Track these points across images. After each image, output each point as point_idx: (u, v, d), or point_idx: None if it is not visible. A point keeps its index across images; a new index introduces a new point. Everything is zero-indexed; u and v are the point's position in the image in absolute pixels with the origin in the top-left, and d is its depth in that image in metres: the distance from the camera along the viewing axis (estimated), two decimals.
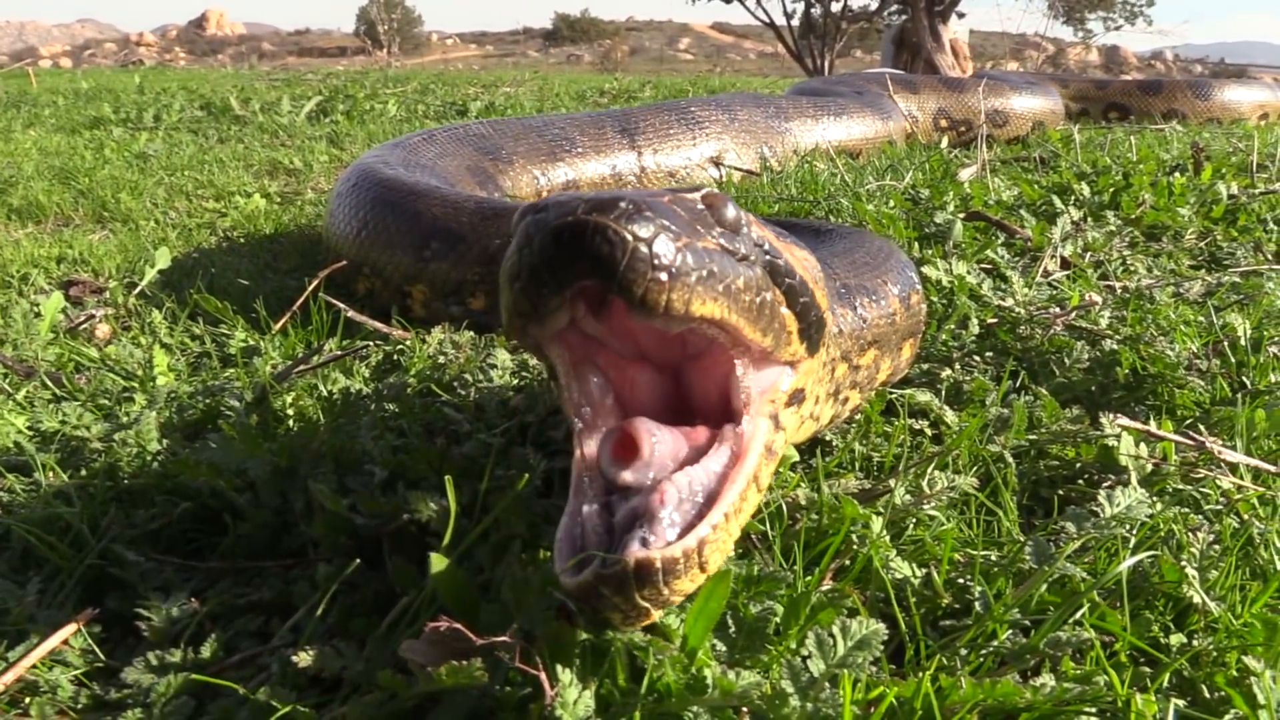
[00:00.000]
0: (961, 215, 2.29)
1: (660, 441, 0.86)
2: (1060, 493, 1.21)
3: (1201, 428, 1.33)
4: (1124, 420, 1.18)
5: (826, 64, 33.77)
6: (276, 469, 1.02)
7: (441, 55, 42.97)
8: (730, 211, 0.89)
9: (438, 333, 1.69)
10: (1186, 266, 2.30)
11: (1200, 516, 1.06)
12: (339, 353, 1.40)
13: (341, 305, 1.73)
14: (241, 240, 2.85)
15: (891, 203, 2.56)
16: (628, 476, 0.82)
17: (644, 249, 0.77)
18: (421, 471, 1.01)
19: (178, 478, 1.02)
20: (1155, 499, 1.07)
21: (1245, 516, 1.03)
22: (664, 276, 0.78)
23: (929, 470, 1.11)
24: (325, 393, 1.35)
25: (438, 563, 0.79)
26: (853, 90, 4.28)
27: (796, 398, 0.99)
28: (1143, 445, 1.21)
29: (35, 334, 1.70)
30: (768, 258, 0.91)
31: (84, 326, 1.90)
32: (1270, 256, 2.43)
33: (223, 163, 4.04)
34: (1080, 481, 1.23)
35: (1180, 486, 1.12)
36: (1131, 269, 2.20)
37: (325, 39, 47.24)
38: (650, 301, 0.78)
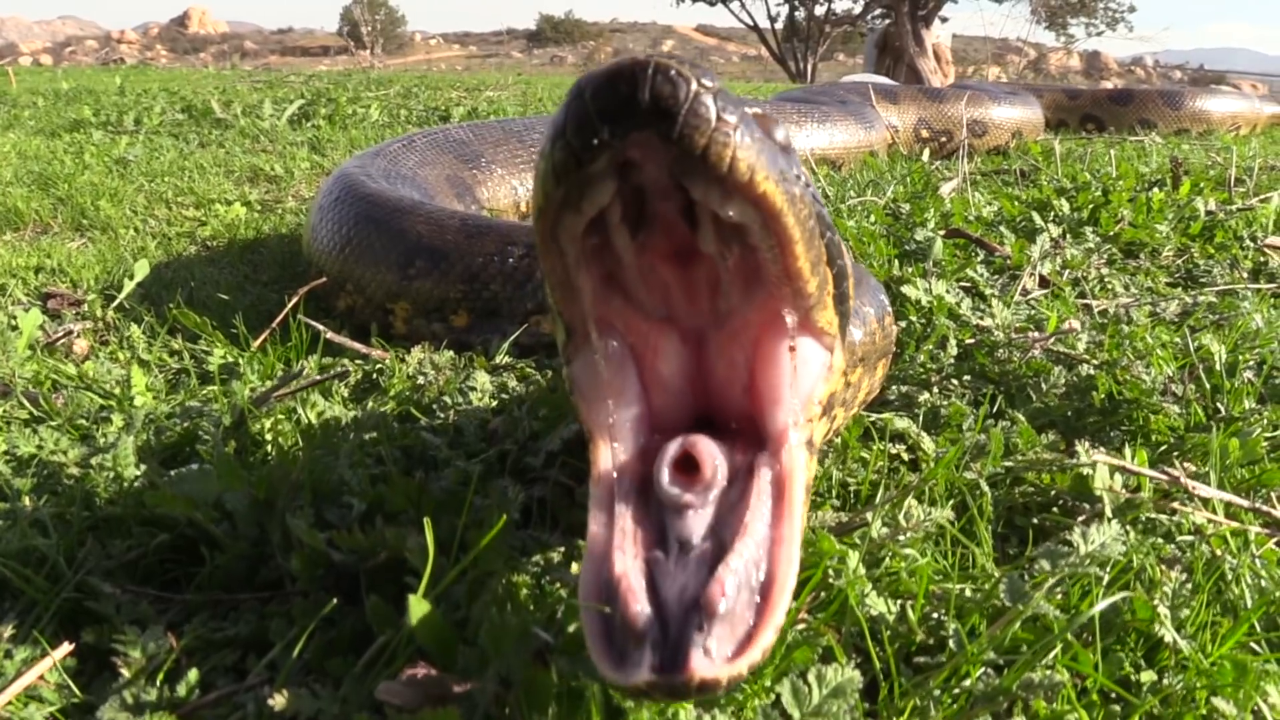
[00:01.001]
0: (941, 233, 2.31)
1: (720, 461, 0.82)
2: (1035, 521, 1.22)
3: (1176, 457, 1.34)
4: (1099, 456, 1.18)
5: (810, 67, 33.95)
6: (254, 501, 1.02)
7: (425, 55, 42.88)
8: (782, 133, 0.82)
9: (417, 352, 1.69)
10: (1164, 284, 2.32)
11: (1174, 547, 1.07)
12: (317, 378, 1.40)
13: (320, 327, 1.73)
14: (221, 250, 2.84)
15: (873, 217, 2.58)
16: (690, 499, 0.78)
17: (709, 99, 0.69)
18: (400, 504, 1.01)
19: (155, 509, 1.02)
20: (1129, 530, 1.08)
21: (1217, 551, 1.04)
22: (729, 131, 0.70)
23: (905, 502, 1.12)
24: (303, 417, 1.35)
25: (416, 607, 0.79)
26: (836, 99, 4.30)
27: (828, 409, 0.92)
28: (1117, 475, 1.22)
29: (12, 351, 1.69)
30: (813, 197, 0.84)
31: (61, 342, 1.89)
32: (1246, 274, 2.45)
33: (203, 168, 4.02)
34: (1055, 509, 1.24)
35: (1154, 517, 1.13)
36: (1109, 287, 2.22)
37: (308, 38, 47.06)
38: (714, 156, 0.70)
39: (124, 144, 4.75)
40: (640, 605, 0.70)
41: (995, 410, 1.49)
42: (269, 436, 1.28)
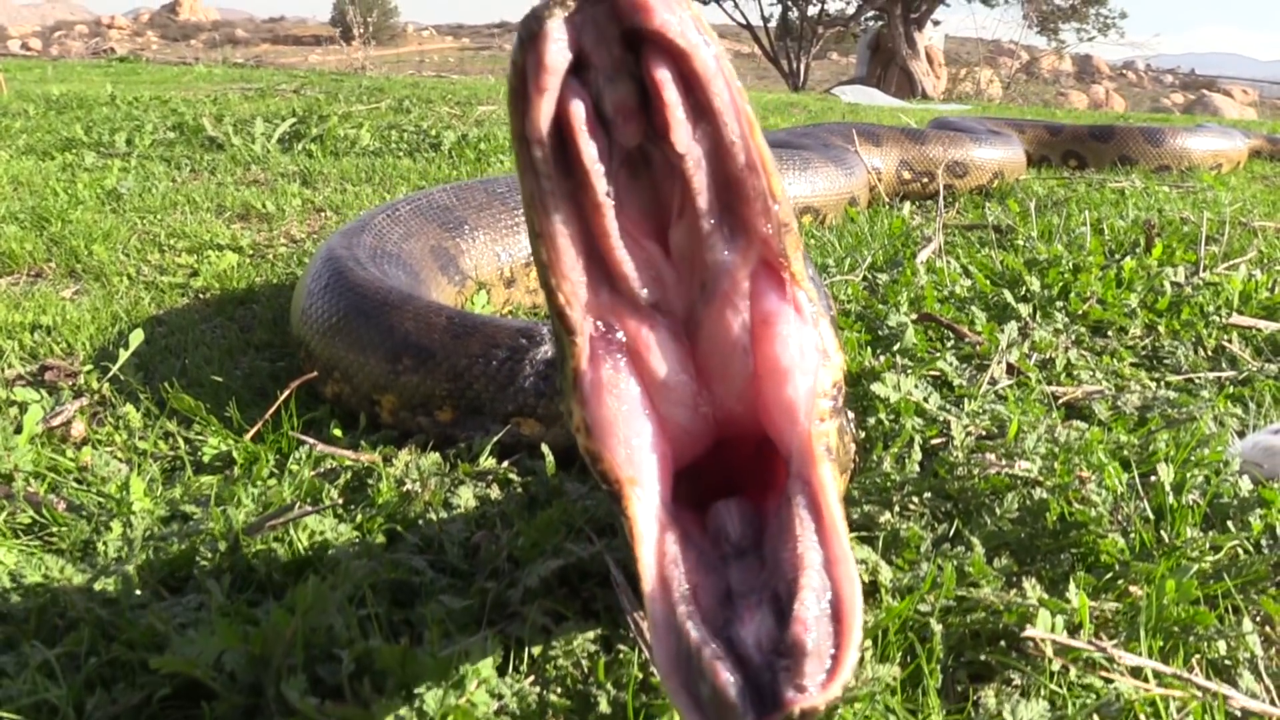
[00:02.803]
0: (913, 318, 2.39)
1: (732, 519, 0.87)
2: (982, 657, 1.30)
3: (1121, 583, 1.42)
4: (1033, 631, 1.26)
5: (802, 66, 33.90)
6: (251, 657, 1.09)
7: (417, 46, 42.77)
8: None
9: (404, 455, 1.76)
10: (1129, 364, 2.41)
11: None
12: (308, 509, 1.47)
13: (311, 441, 1.80)
14: (213, 302, 2.90)
15: (850, 290, 2.66)
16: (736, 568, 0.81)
17: None
18: (386, 664, 1.09)
19: (160, 670, 1.09)
20: (1063, 688, 1.16)
21: (1141, 718, 1.13)
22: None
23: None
24: (296, 541, 1.42)
25: None
26: (819, 142, 4.37)
27: (837, 404, 0.90)
28: (1059, 618, 1.30)
29: (14, 447, 1.76)
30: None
31: (59, 427, 1.96)
32: (1209, 352, 2.54)
33: (195, 203, 4.08)
34: (1002, 643, 1.33)
35: (1088, 681, 1.21)
36: (1075, 373, 2.30)
37: (300, 27, 46.87)
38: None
39: (116, 170, 4.80)
40: (728, 674, 0.73)
41: (952, 531, 1.57)
42: (262, 565, 1.36)
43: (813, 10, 31.32)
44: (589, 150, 0.82)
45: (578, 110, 0.81)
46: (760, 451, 0.94)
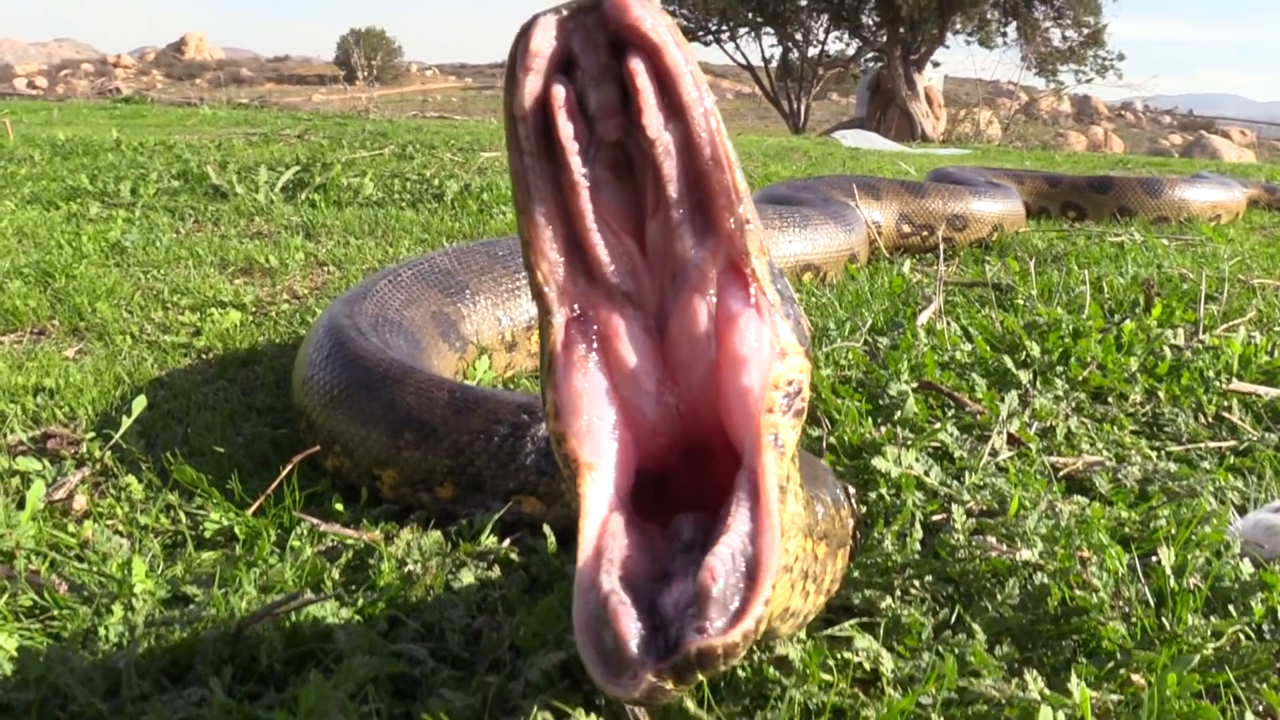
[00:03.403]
0: (914, 386, 2.39)
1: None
2: None
3: (1124, 671, 1.42)
4: (1043, 694, 1.26)
5: (803, 107, 34.04)
6: None
7: (420, 86, 43.14)
8: None
9: (406, 534, 1.76)
10: (1129, 432, 2.41)
11: None
12: (311, 597, 1.47)
13: (313, 520, 1.80)
14: (216, 363, 2.91)
15: (850, 356, 2.67)
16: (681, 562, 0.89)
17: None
18: None
19: None
20: None
21: None
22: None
23: None
24: (298, 628, 1.42)
25: None
26: (819, 196, 4.40)
27: (796, 399, 0.96)
28: (1061, 712, 1.30)
29: (16, 523, 1.76)
30: None
31: (61, 500, 1.96)
32: (1209, 419, 2.55)
33: (199, 257, 4.10)
34: None
35: None
36: (1075, 443, 2.30)
37: (304, 66, 47.29)
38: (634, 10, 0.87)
39: (121, 222, 4.83)
40: (632, 623, 0.80)
41: (954, 617, 1.57)
42: (264, 655, 1.36)
43: (813, 51, 31.65)
44: (566, 129, 0.89)
45: (558, 92, 0.89)
46: (732, 471, 0.99)
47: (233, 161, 6.89)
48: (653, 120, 0.89)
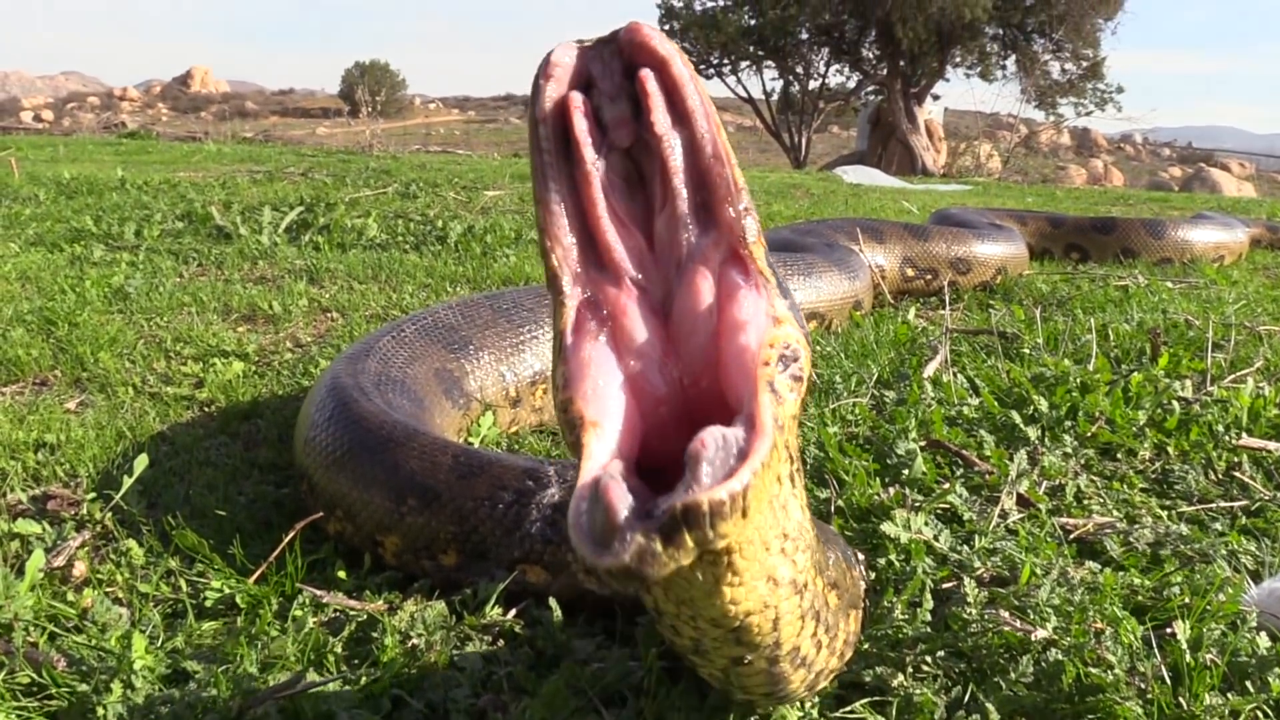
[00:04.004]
0: (922, 444, 2.37)
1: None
2: None
3: None
4: None
5: (804, 140, 34.14)
6: None
7: (424, 119, 43.38)
8: None
9: (410, 606, 1.73)
10: (1139, 491, 2.39)
11: None
12: (314, 680, 1.45)
13: (317, 592, 1.77)
14: (218, 416, 2.89)
15: (857, 411, 2.65)
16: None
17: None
18: None
19: None
20: None
21: None
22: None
23: None
24: (296, 702, 1.40)
25: None
26: (822, 241, 4.40)
27: (794, 365, 1.01)
28: None
29: (15, 594, 1.74)
30: None
31: (60, 568, 1.94)
32: (1219, 475, 2.52)
33: (202, 303, 4.10)
34: None
35: None
36: (1085, 504, 2.28)
37: (309, 99, 47.59)
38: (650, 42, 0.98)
39: (124, 265, 4.83)
40: (622, 495, 0.84)
41: (967, 696, 1.54)
42: None
43: (814, 85, 31.82)
44: (580, 124, 0.99)
45: (575, 97, 0.99)
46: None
47: (237, 201, 6.90)
48: (660, 118, 0.99)
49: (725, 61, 31.36)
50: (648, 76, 0.99)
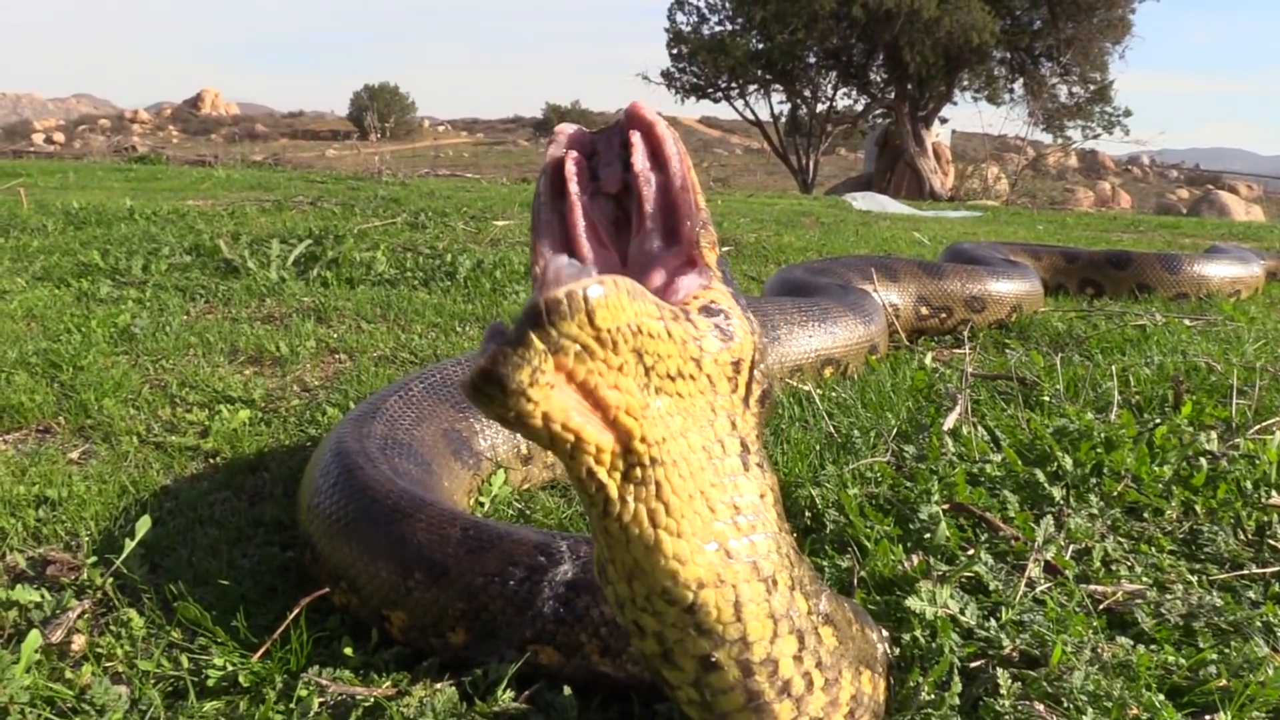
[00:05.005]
0: (945, 507, 2.31)
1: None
2: None
3: None
4: None
5: (811, 163, 34.13)
6: None
7: (433, 141, 43.50)
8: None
9: (419, 690, 1.67)
10: (1168, 554, 2.32)
11: None
12: None
13: (324, 682, 1.71)
14: (223, 468, 2.84)
15: (877, 470, 2.58)
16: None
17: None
18: None
19: None
20: None
21: None
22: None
23: None
24: None
25: None
26: (836, 284, 4.34)
27: (718, 314, 1.14)
28: None
29: (10, 678, 1.68)
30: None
31: (58, 642, 1.88)
32: (1249, 536, 2.45)
33: (209, 344, 4.05)
34: None
35: None
36: (1114, 570, 2.21)
37: (318, 122, 47.78)
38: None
39: (131, 303, 4.79)
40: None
41: None
42: None
43: (821, 108, 31.86)
44: (569, 166, 1.15)
45: (570, 152, 1.17)
46: None
47: (245, 232, 6.87)
48: (639, 159, 1.16)
49: (733, 85, 31.45)
50: (634, 134, 1.17)
